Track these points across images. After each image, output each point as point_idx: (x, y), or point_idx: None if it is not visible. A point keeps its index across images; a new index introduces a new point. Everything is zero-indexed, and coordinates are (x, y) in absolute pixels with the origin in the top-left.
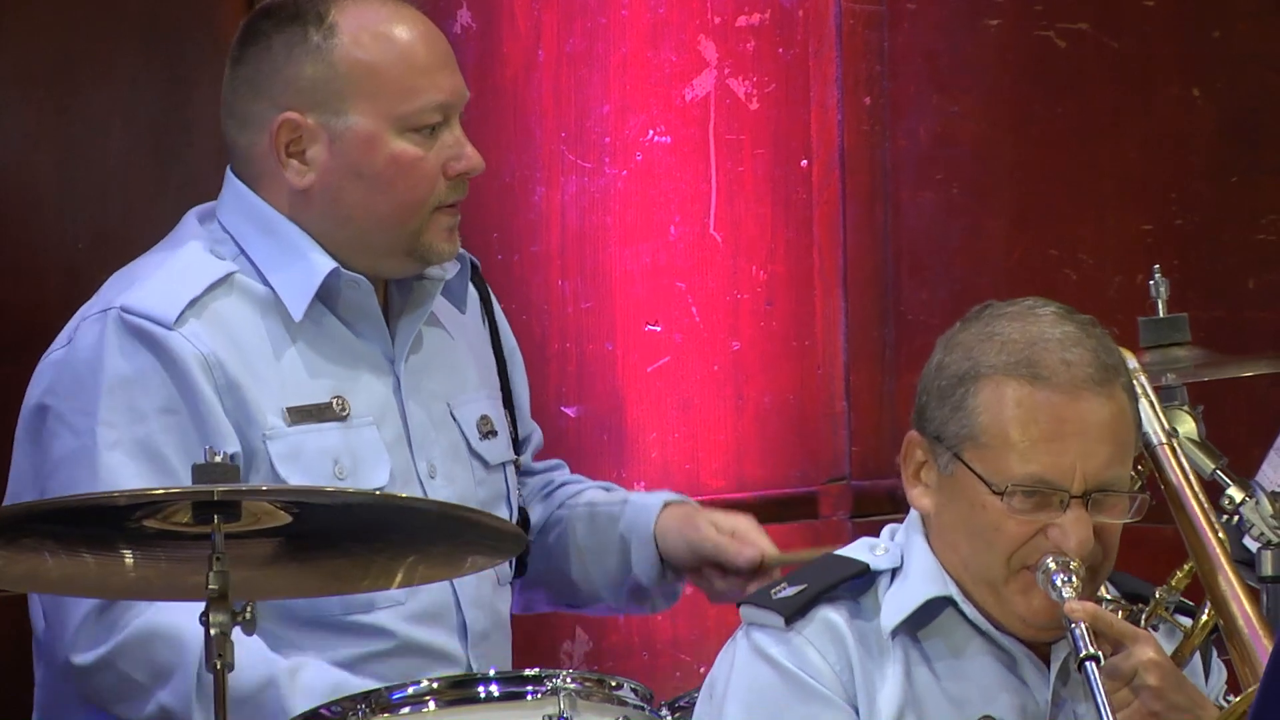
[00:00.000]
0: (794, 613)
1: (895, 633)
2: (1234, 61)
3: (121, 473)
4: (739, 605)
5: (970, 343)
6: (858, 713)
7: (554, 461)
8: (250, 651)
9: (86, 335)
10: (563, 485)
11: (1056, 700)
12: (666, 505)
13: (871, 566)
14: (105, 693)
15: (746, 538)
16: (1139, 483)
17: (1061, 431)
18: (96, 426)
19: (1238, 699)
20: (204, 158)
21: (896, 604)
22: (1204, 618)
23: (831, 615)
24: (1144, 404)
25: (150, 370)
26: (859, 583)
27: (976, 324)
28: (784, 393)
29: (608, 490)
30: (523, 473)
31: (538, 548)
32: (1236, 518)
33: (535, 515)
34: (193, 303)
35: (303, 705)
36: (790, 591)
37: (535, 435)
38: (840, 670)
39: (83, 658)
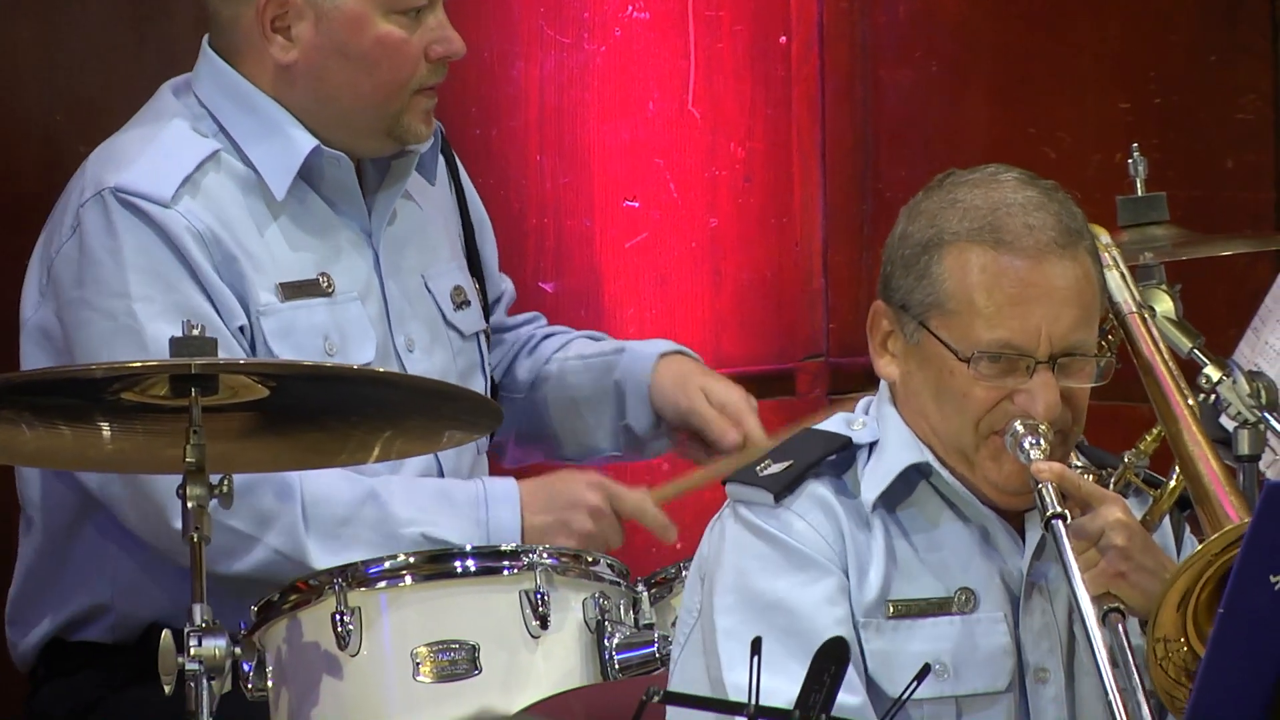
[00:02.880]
0: (783, 489)
1: (875, 506)
2: None
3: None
4: (724, 483)
5: (933, 211)
6: (849, 582)
7: (529, 315)
8: (336, 476)
9: (92, 220)
10: (546, 338)
11: (1031, 569)
12: (664, 357)
13: (852, 440)
14: (214, 555)
15: (736, 417)
16: (1109, 350)
17: (1026, 296)
18: (133, 305)
19: (1195, 550)
20: (183, 29)
21: (876, 476)
22: (1172, 483)
23: (820, 489)
24: (1115, 275)
25: (160, 244)
26: (842, 457)
27: (939, 192)
28: (761, 269)
29: (596, 339)
30: (499, 329)
31: (527, 404)
32: (1213, 396)
33: (522, 372)
34: (186, 180)
35: (406, 512)
36: (777, 468)
37: (507, 290)
38: (833, 540)
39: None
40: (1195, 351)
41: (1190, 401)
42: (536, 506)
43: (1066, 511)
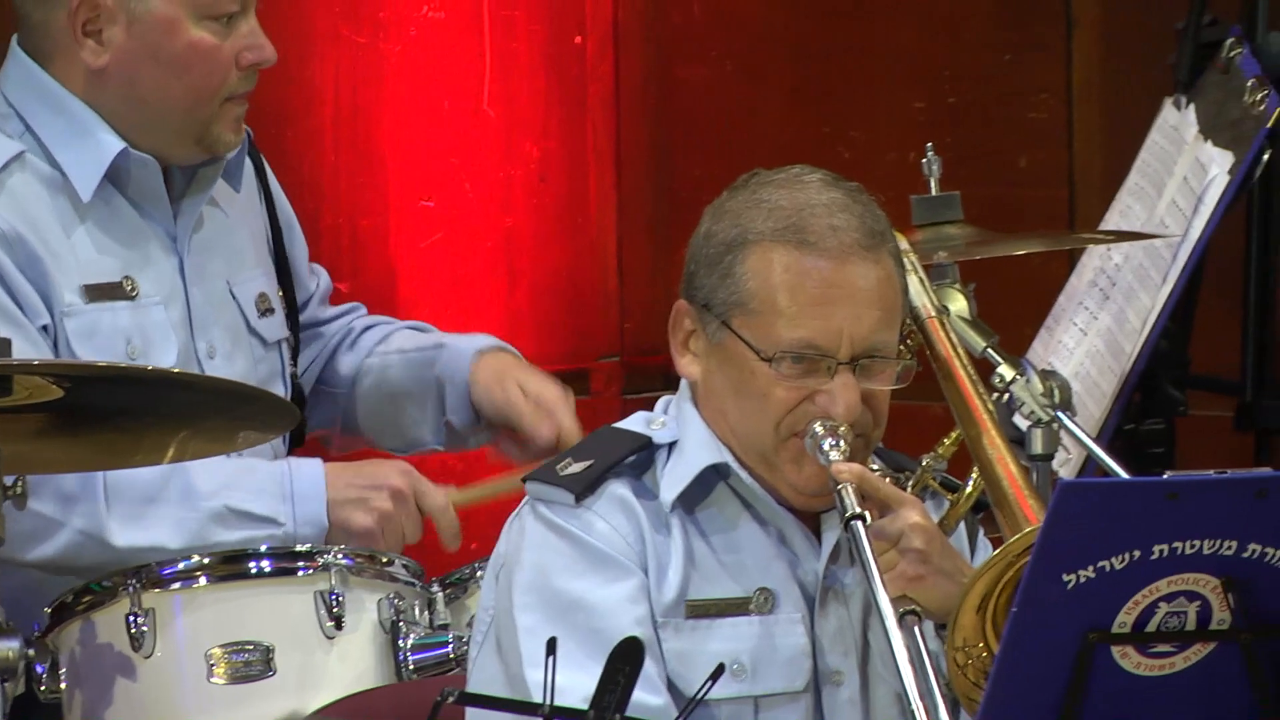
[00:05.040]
0: (584, 488)
1: (674, 507)
2: None
3: None
4: (524, 480)
5: (738, 210)
6: (649, 582)
7: (349, 305)
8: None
9: None
10: (367, 330)
11: (827, 572)
12: (483, 353)
13: (653, 440)
14: (18, 541)
15: (551, 412)
16: (908, 354)
17: (829, 296)
18: None
19: (994, 553)
20: None
21: (674, 477)
22: (969, 488)
23: (620, 489)
24: (914, 279)
25: None
26: (642, 457)
27: (744, 192)
28: (557, 269)
29: (420, 330)
30: (318, 323)
31: (349, 398)
32: (1007, 396)
33: (344, 366)
34: None
35: (208, 485)
36: (578, 468)
37: (321, 283)
38: (633, 541)
39: None
40: (989, 351)
41: (989, 405)
42: (340, 482)
43: (866, 513)
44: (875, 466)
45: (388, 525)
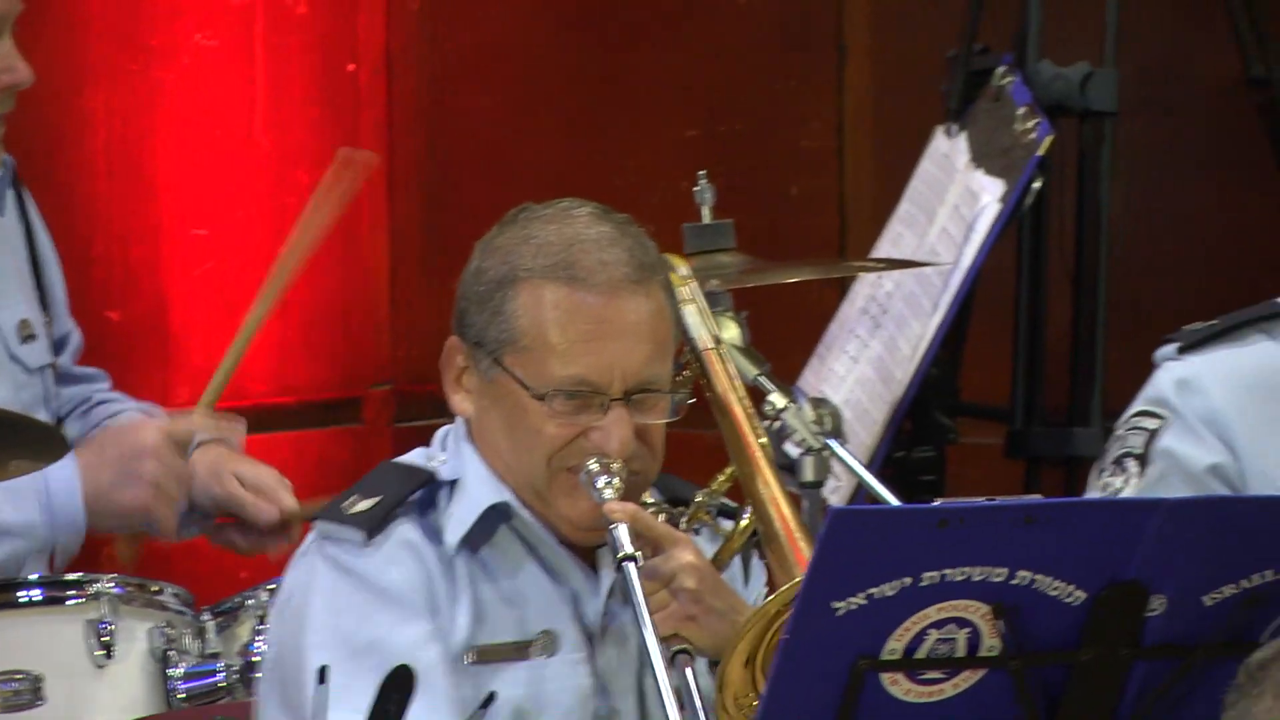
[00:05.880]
0: (373, 526)
1: (458, 549)
2: None
3: None
4: (312, 520)
5: (507, 246)
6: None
7: (94, 371)
8: None
9: None
10: (101, 404)
11: (606, 609)
12: (198, 446)
13: (436, 477)
14: None
15: (270, 495)
16: (683, 387)
17: (601, 332)
18: None
19: (767, 599)
20: None
21: (458, 518)
22: (744, 522)
23: (407, 531)
24: (691, 309)
25: None
26: (426, 494)
27: (513, 227)
28: (329, 298)
29: (149, 415)
30: (62, 378)
31: None
32: (778, 423)
33: (71, 431)
34: None
35: None
36: (365, 505)
37: (74, 336)
38: (421, 583)
39: None
40: (761, 379)
41: (763, 442)
42: (97, 468)
43: (638, 554)
44: (652, 500)
45: (158, 491)
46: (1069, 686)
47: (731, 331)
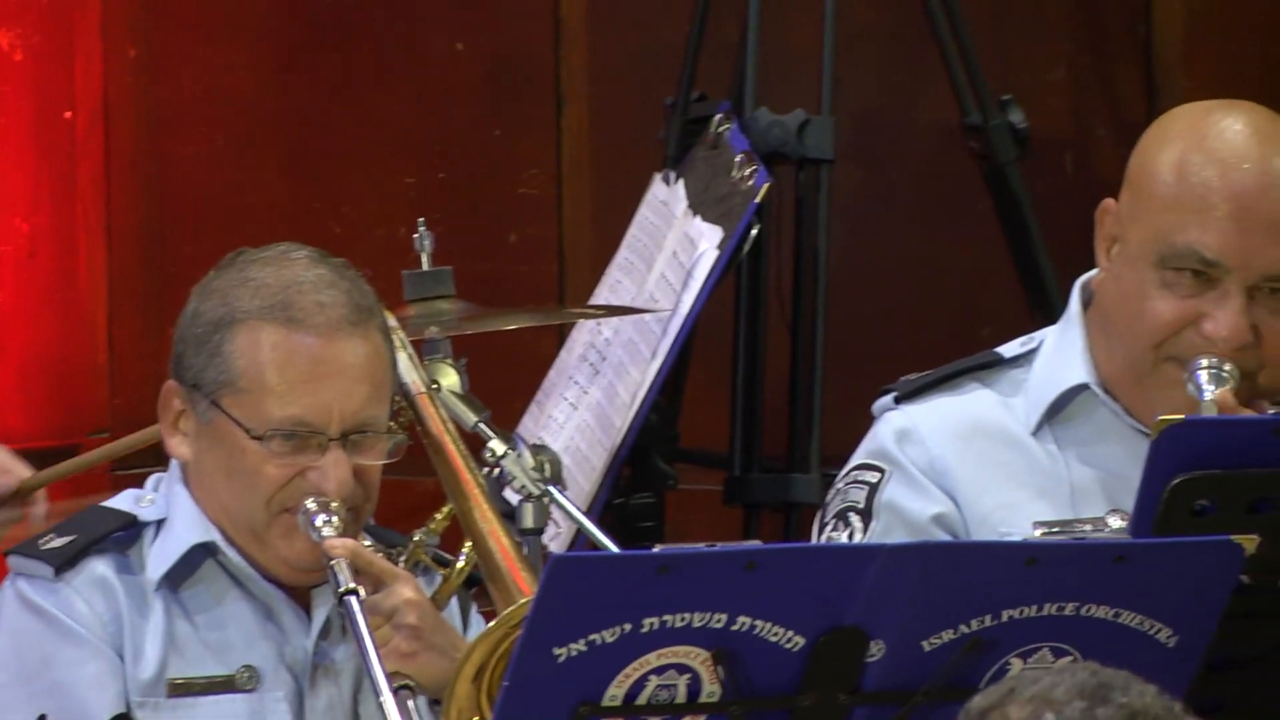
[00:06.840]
0: (64, 563)
1: (159, 585)
2: (497, 15)
3: None
4: (6, 554)
5: (225, 289)
6: (124, 663)
7: None
8: None
9: None
10: None
11: (317, 648)
12: None
13: (139, 518)
14: None
15: (3, 466)
16: (399, 429)
17: (318, 373)
18: None
19: (492, 623)
20: None
21: (161, 556)
22: (461, 563)
23: (100, 567)
24: (404, 356)
25: None
26: (126, 535)
27: (231, 270)
28: (47, 345)
29: None
30: None
31: None
32: (498, 470)
33: None
34: None
35: None
36: (59, 542)
37: None
38: (108, 621)
39: None
40: (480, 425)
41: (480, 479)
42: None
43: (359, 588)
44: (367, 543)
45: None
46: None
47: (450, 378)
